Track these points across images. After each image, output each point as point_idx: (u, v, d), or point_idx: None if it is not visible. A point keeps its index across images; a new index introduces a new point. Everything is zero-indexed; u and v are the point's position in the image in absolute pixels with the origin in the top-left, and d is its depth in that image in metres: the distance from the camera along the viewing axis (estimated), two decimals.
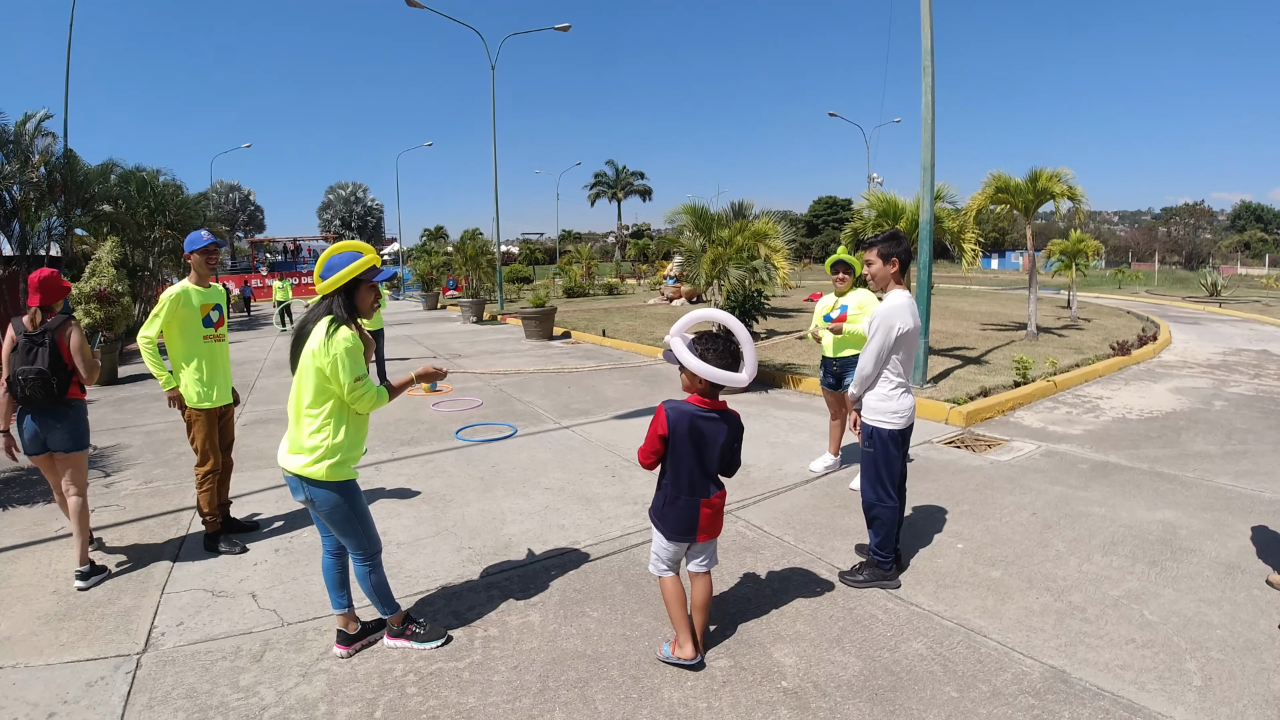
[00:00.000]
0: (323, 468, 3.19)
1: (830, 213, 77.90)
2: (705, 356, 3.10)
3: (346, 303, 3.23)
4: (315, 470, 3.18)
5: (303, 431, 3.21)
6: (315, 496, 3.24)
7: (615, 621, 3.70)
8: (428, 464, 6.66)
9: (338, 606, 3.51)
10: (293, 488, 3.29)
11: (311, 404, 3.20)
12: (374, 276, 3.31)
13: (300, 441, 3.21)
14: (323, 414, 3.20)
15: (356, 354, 3.15)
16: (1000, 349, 12.04)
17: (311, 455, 3.18)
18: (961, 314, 18.51)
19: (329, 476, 3.20)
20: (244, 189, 68.24)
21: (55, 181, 17.77)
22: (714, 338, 3.16)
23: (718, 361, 3.10)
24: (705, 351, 3.12)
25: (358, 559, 3.43)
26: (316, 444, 3.19)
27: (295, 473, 3.20)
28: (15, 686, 3.33)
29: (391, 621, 3.54)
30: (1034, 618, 3.62)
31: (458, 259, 28.76)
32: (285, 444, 3.31)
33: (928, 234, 8.75)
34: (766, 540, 4.67)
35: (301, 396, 3.21)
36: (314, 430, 3.20)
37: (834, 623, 3.63)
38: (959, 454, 6.48)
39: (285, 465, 3.25)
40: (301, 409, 3.22)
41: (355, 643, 3.51)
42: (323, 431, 3.20)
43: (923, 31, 8.74)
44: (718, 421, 3.21)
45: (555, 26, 26.19)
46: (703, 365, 3.06)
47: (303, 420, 3.21)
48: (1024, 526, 4.79)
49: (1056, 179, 12.79)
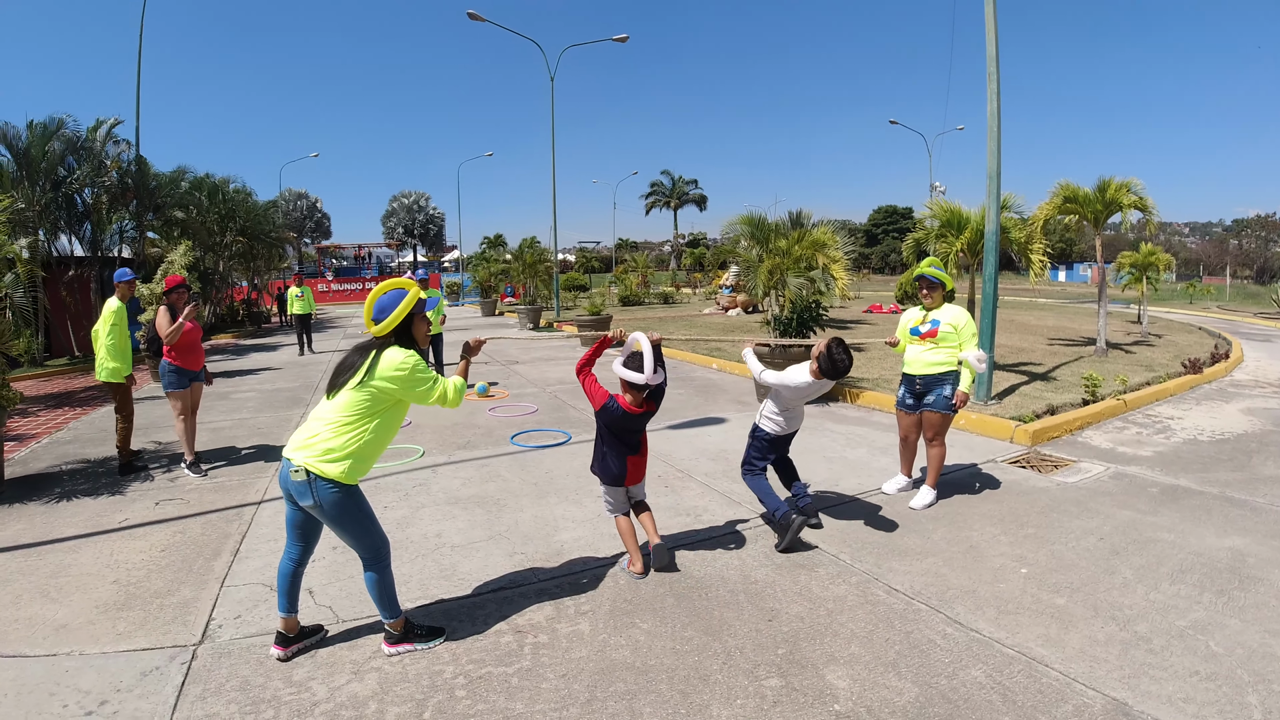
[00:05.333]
0: (340, 468, 3.26)
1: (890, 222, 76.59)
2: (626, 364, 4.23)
3: (403, 339, 3.48)
4: (332, 469, 3.25)
5: (329, 431, 3.29)
6: (323, 498, 3.27)
7: (665, 634, 3.66)
8: (483, 468, 6.72)
9: (283, 610, 3.54)
10: (299, 491, 3.29)
11: (348, 411, 3.31)
12: (422, 309, 3.55)
13: (322, 440, 3.28)
14: (356, 420, 3.32)
15: (420, 365, 3.42)
16: (1068, 365, 11.65)
17: (331, 454, 3.26)
18: (1028, 328, 17.99)
19: (342, 478, 3.27)
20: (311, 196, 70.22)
21: (127, 186, 18.53)
22: (631, 355, 4.28)
23: (629, 364, 4.22)
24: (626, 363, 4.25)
25: (367, 561, 3.49)
26: (341, 444, 3.28)
27: (309, 466, 3.24)
28: (69, 674, 3.42)
29: (392, 627, 3.55)
30: (1098, 647, 3.48)
31: (516, 267, 29.15)
32: (297, 439, 3.36)
33: (994, 245, 8.52)
34: (822, 558, 4.58)
35: (342, 407, 3.33)
36: (343, 432, 3.30)
37: (890, 646, 3.53)
38: (1024, 474, 6.28)
39: (298, 458, 3.28)
40: (336, 414, 3.32)
41: (293, 645, 3.54)
42: (350, 435, 3.30)
43: (987, 37, 8.53)
44: (637, 419, 4.28)
45: (613, 38, 26.35)
46: (619, 368, 4.22)
47: (332, 421, 3.31)
48: (1091, 552, 4.60)
49: (1125, 189, 12.34)
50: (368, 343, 3.45)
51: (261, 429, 8.72)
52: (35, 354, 14.90)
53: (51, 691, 3.27)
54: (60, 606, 4.12)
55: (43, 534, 5.26)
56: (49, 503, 5.97)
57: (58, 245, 17.77)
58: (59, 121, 16.44)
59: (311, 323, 17.10)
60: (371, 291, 3.49)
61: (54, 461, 7.33)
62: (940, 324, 5.52)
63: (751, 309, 24.01)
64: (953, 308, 5.59)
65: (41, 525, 5.44)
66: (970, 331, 5.46)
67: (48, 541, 5.12)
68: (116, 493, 6.19)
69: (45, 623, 3.93)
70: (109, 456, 7.41)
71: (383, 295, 3.47)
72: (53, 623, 3.93)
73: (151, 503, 5.90)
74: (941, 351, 5.50)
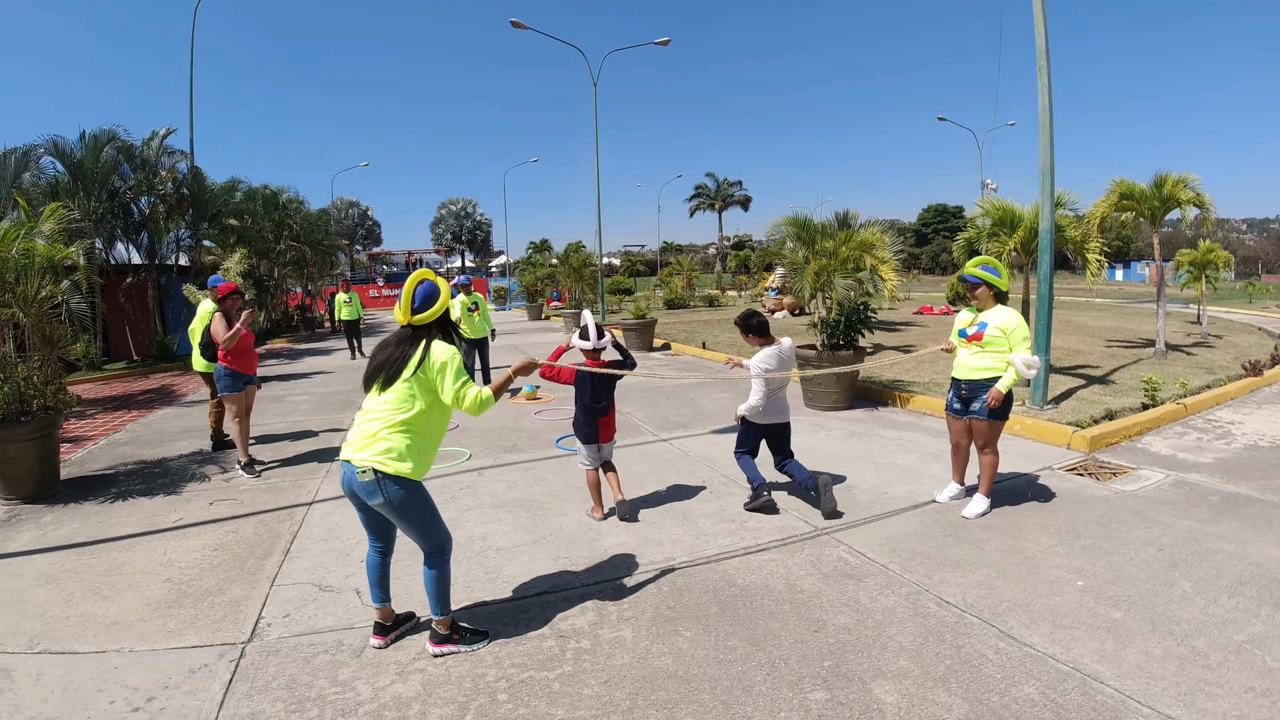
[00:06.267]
0: (407, 465, 3.33)
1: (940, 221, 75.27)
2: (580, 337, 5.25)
3: (444, 328, 3.59)
4: (398, 467, 3.31)
5: (388, 428, 3.34)
6: (392, 494, 3.32)
7: (708, 643, 3.61)
8: (528, 471, 6.74)
9: (378, 601, 3.66)
10: (367, 492, 3.32)
11: (404, 405, 3.37)
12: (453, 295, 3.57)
13: (383, 438, 3.33)
14: (413, 415, 3.38)
15: (459, 360, 3.49)
16: (1126, 368, 11.28)
17: (394, 452, 3.31)
18: (1084, 329, 17.48)
19: (409, 474, 3.34)
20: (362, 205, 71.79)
21: (183, 196, 19.07)
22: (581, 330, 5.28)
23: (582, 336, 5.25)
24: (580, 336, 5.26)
25: (429, 553, 3.53)
26: (402, 441, 3.34)
27: (376, 466, 3.28)
28: (117, 670, 3.50)
29: (439, 625, 3.57)
30: (1155, 664, 3.34)
31: (562, 271, 29.28)
32: (356, 440, 3.39)
33: (1048, 243, 8.27)
34: (870, 568, 4.47)
35: (394, 405, 3.37)
36: (402, 428, 3.35)
37: (940, 660, 3.43)
38: (1082, 482, 6.08)
39: (362, 458, 3.31)
40: (391, 409, 3.36)
41: (390, 633, 3.67)
42: (410, 430, 3.37)
43: (1036, 30, 8.29)
44: (601, 377, 5.22)
45: (655, 41, 26.34)
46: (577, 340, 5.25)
47: (389, 418, 3.35)
48: (1149, 564, 4.42)
49: (1182, 184, 11.93)
50: (410, 334, 3.50)
51: (315, 431, 8.89)
52: (94, 358, 15.39)
53: (100, 687, 3.34)
54: (112, 604, 4.22)
55: (97, 533, 5.41)
56: (104, 502, 6.15)
57: (115, 253, 18.35)
58: (110, 132, 16.97)
59: (361, 327, 17.37)
60: (407, 283, 3.51)
61: (111, 463, 7.55)
62: (988, 327, 5.28)
63: (799, 311, 23.74)
64: (1003, 309, 5.34)
65: (96, 524, 5.60)
66: (1021, 335, 5.21)
67: (102, 540, 5.26)
68: (172, 493, 6.35)
69: (96, 620, 4.02)
70: (165, 458, 7.63)
71: (420, 284, 3.50)
72: (104, 620, 4.02)
73: (206, 503, 6.04)
74: (988, 356, 5.27)
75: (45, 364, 6.80)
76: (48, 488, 6.38)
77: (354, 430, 3.44)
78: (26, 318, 6.57)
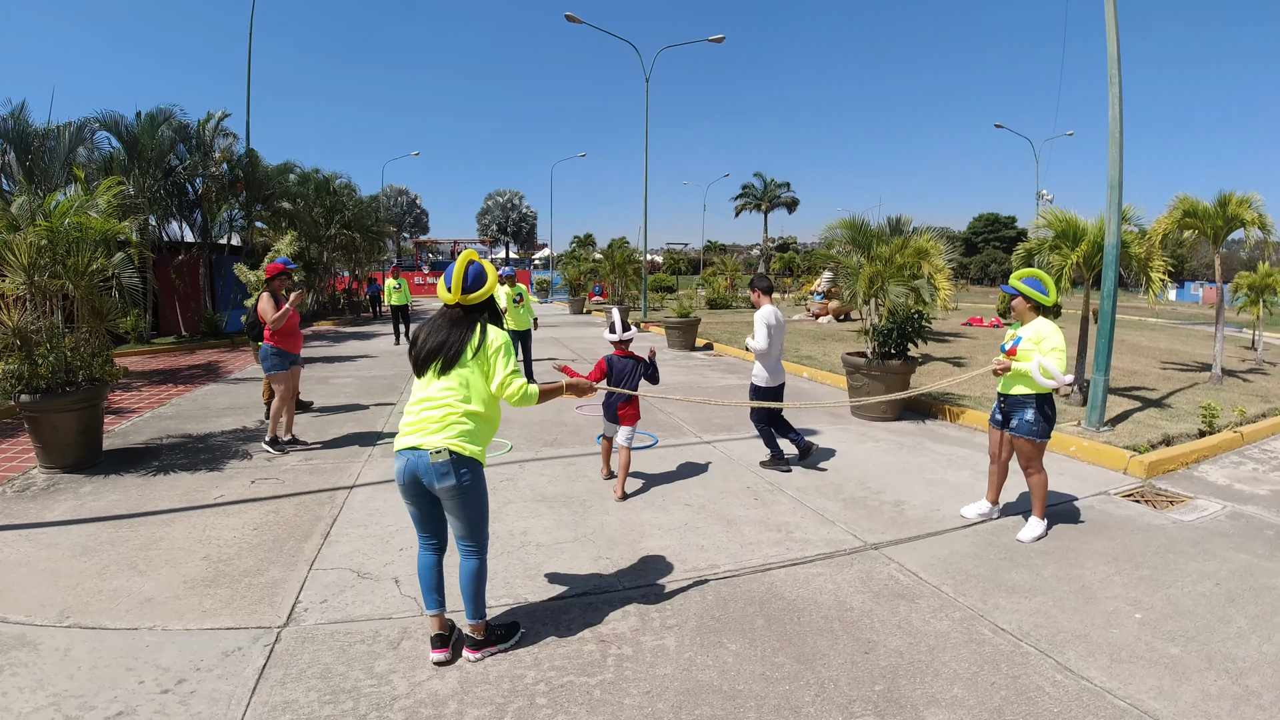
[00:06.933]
0: (478, 448, 3.30)
1: (991, 230, 73.69)
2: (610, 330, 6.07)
3: (493, 310, 3.56)
4: (473, 449, 3.26)
5: (458, 412, 3.26)
6: (464, 476, 3.23)
7: (754, 658, 3.48)
8: (569, 466, 6.66)
9: (434, 607, 3.47)
10: (440, 473, 3.19)
11: (470, 388, 3.31)
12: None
13: (455, 420, 3.25)
14: (479, 397, 3.33)
15: (510, 347, 3.44)
16: (1182, 391, 10.89)
17: (468, 434, 3.27)
18: (1139, 349, 16.97)
19: (479, 457, 3.31)
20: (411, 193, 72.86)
21: (237, 177, 19.40)
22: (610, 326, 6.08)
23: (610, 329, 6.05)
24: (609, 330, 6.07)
25: (473, 547, 3.41)
26: (473, 423, 3.30)
27: (452, 448, 3.20)
28: (149, 649, 3.44)
29: (474, 630, 3.44)
30: (1210, 702, 3.20)
31: (605, 266, 29.30)
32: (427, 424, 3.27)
33: (1113, 259, 7.95)
34: (923, 589, 4.29)
35: (459, 389, 3.30)
36: (470, 411, 3.29)
37: (996, 691, 3.26)
38: (1139, 509, 5.83)
39: (436, 441, 3.22)
40: (459, 392, 3.29)
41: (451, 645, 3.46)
42: (479, 412, 3.32)
43: (1108, 38, 7.98)
44: (627, 361, 5.97)
45: (709, 38, 26.13)
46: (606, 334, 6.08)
47: (457, 402, 3.28)
48: (1206, 598, 4.24)
49: (1246, 204, 11.53)
50: (461, 315, 3.42)
51: (357, 415, 8.91)
52: (142, 332, 15.69)
53: (129, 666, 3.30)
54: (147, 579, 4.19)
55: (136, 506, 5.42)
56: (145, 475, 6.18)
57: (168, 230, 18.76)
58: (166, 112, 17.30)
59: (409, 313, 17.55)
60: (456, 265, 3.46)
61: (154, 435, 7.63)
62: (1021, 340, 5.15)
63: (843, 317, 23.41)
64: (1039, 322, 5.18)
65: (136, 497, 5.62)
66: (1050, 345, 5.00)
67: (141, 514, 5.27)
68: (214, 469, 6.38)
69: (130, 595, 3.99)
70: (209, 433, 7.71)
71: (470, 264, 3.47)
72: (138, 595, 3.99)
73: (248, 481, 6.05)
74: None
75: (93, 336, 6.87)
76: (90, 458, 6.44)
77: (414, 417, 3.31)
78: (77, 290, 6.64)
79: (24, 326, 6.34)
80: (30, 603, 3.89)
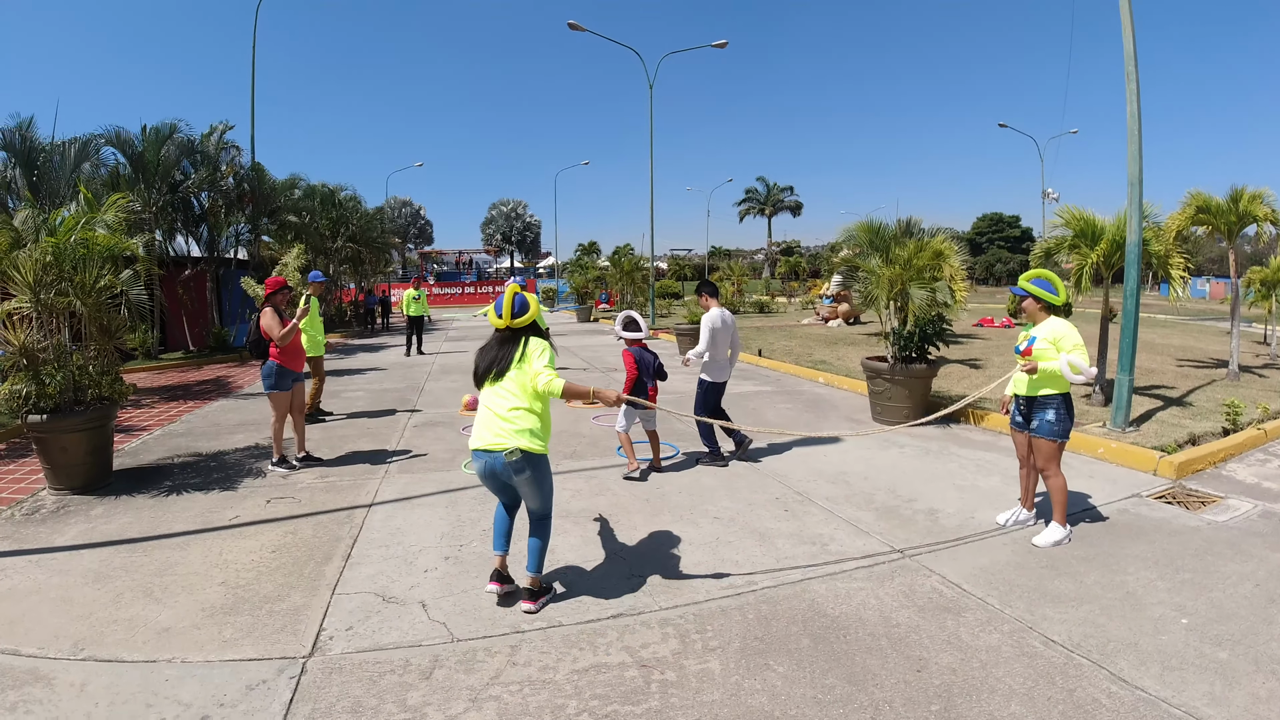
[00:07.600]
0: (542, 443, 3.94)
1: (995, 230, 73.23)
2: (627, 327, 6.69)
3: (538, 330, 4.19)
4: (538, 445, 3.89)
5: (520, 413, 3.89)
6: (535, 469, 3.89)
7: (804, 680, 3.33)
8: (591, 480, 6.52)
9: (500, 548, 4.18)
10: (516, 469, 3.82)
11: (526, 391, 3.93)
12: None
13: (522, 421, 3.88)
14: (539, 407, 3.97)
15: (552, 349, 4.12)
16: (1201, 389, 10.74)
17: (534, 433, 3.89)
18: (1152, 347, 16.81)
19: (543, 449, 3.96)
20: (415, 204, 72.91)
21: (244, 191, 19.31)
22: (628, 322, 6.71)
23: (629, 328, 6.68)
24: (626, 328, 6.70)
25: (542, 518, 4.13)
26: (536, 422, 3.93)
27: (524, 447, 3.82)
28: (168, 683, 3.30)
29: (532, 583, 4.06)
30: (1261, 705, 3.13)
31: (612, 274, 29.20)
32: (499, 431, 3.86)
33: (1135, 257, 7.83)
34: (968, 601, 4.15)
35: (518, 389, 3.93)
36: (530, 411, 3.92)
37: (1053, 705, 3.13)
38: (1172, 511, 5.69)
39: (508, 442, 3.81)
40: (518, 396, 3.92)
41: (509, 584, 4.16)
42: (537, 411, 3.95)
43: (1124, 36, 7.88)
44: (647, 353, 6.72)
45: (712, 44, 26.04)
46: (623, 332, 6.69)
47: (518, 404, 3.90)
48: (1248, 600, 4.14)
49: (1258, 200, 11.42)
50: (509, 336, 4.06)
51: (371, 429, 8.75)
52: (150, 348, 15.58)
53: (149, 702, 3.16)
54: (164, 608, 4.04)
55: (150, 528, 5.28)
56: (158, 496, 6.04)
57: (175, 245, 18.61)
58: (172, 126, 17.16)
59: (425, 323, 17.46)
60: (505, 297, 4.11)
61: (165, 454, 7.48)
62: (1036, 340, 5.08)
63: (853, 320, 23.25)
64: (1052, 320, 5.12)
65: (149, 519, 5.47)
66: (1071, 343, 4.93)
67: (155, 537, 5.12)
68: (228, 488, 6.24)
69: (147, 625, 3.86)
70: (221, 450, 7.58)
71: (516, 295, 4.14)
72: (155, 625, 3.85)
73: (263, 500, 5.91)
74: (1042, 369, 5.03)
75: (102, 353, 6.75)
76: (100, 479, 6.31)
77: (483, 425, 3.93)
78: (84, 306, 6.51)
79: (31, 345, 6.22)
80: (43, 634, 3.75)
